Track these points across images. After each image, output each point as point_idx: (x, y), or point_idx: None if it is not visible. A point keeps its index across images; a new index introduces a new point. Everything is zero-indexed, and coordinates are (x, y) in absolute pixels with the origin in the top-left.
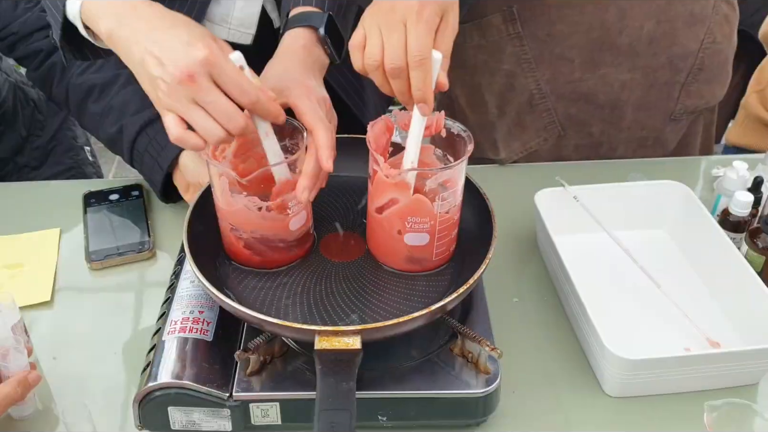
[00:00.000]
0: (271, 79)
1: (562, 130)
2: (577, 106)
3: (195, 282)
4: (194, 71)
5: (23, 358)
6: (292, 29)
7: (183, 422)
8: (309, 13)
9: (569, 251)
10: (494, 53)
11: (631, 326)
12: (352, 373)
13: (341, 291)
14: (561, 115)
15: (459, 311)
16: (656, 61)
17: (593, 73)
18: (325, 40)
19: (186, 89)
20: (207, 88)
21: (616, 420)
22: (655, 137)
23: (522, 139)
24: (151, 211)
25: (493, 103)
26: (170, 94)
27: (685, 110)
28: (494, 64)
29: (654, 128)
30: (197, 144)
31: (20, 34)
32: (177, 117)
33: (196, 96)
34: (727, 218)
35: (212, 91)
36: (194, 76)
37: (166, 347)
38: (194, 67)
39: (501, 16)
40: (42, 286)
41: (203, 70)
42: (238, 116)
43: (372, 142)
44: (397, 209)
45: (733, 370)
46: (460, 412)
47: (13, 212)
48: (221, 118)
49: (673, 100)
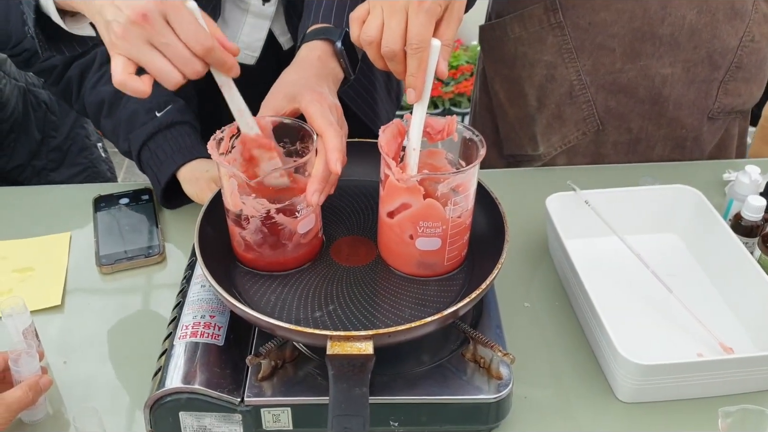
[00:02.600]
0: (285, 85)
1: (600, 124)
2: (617, 98)
3: (206, 286)
4: (148, 10)
5: (35, 363)
6: (309, 42)
7: (194, 427)
8: (327, 28)
9: (581, 256)
10: (535, 44)
11: (643, 331)
12: (364, 378)
13: (353, 296)
14: (600, 107)
15: (471, 316)
16: (696, 55)
17: (634, 63)
18: (341, 53)
19: (140, 29)
20: (161, 29)
21: (629, 426)
22: (694, 137)
23: (561, 132)
24: (161, 215)
25: (533, 96)
26: (124, 35)
27: (723, 109)
28: (535, 56)
29: (692, 127)
30: (139, 88)
31: (33, 50)
32: (125, 60)
33: (151, 37)
34: (739, 223)
35: (167, 33)
36: (147, 15)
37: (177, 352)
38: (148, 6)
39: (542, 6)
40: (52, 290)
41: (156, 9)
42: (195, 60)
43: (384, 146)
44: (408, 214)
45: (747, 376)
46: (472, 418)
47: (24, 216)
48: (177, 61)
49: (711, 97)
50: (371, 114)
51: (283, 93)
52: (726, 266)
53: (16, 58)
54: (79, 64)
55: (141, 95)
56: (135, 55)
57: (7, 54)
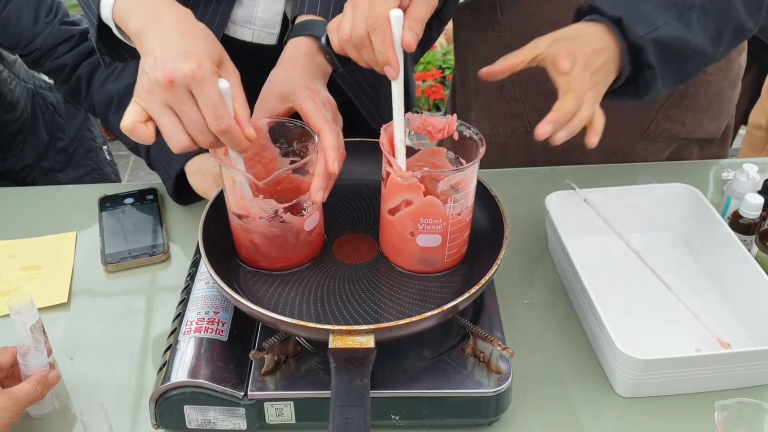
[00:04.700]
0: (276, 84)
1: (529, 125)
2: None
3: (210, 283)
4: (176, 79)
5: (43, 358)
6: (294, 37)
7: (198, 421)
8: (312, 22)
9: (580, 253)
10: (479, 33)
11: (641, 327)
12: (366, 371)
13: (354, 291)
14: (529, 109)
15: (470, 312)
16: None
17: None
18: (326, 48)
19: (163, 92)
20: (183, 98)
21: (627, 420)
22: (625, 152)
23: (492, 123)
24: (166, 215)
25: (472, 82)
26: (149, 91)
27: (662, 133)
28: (477, 44)
29: (624, 143)
30: (144, 135)
31: (43, 50)
32: (141, 110)
33: (172, 102)
34: (737, 220)
35: (188, 102)
36: (174, 84)
37: (181, 347)
38: (177, 76)
39: (487, 1)
40: (59, 288)
41: (184, 82)
42: (209, 133)
43: (385, 144)
44: (409, 211)
45: (744, 371)
46: (472, 412)
47: (31, 216)
48: (191, 129)
49: (648, 118)
50: (372, 109)
51: (275, 93)
52: (724, 263)
53: (26, 57)
54: (88, 63)
55: (146, 142)
56: (152, 111)
57: (18, 53)
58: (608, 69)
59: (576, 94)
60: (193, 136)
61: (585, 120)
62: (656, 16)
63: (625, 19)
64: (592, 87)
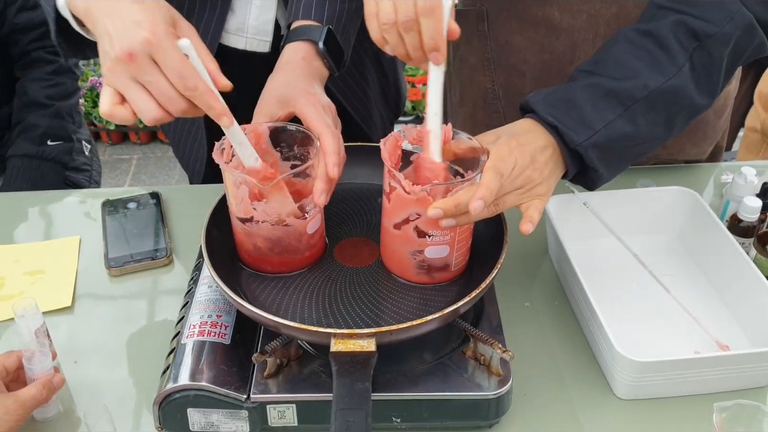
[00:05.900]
0: (275, 89)
1: None
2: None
3: (213, 286)
4: (134, 50)
5: (48, 361)
6: (291, 42)
7: (202, 423)
8: (308, 27)
9: (580, 257)
10: (465, 43)
11: (641, 330)
12: (367, 374)
13: (356, 295)
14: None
15: (471, 316)
16: None
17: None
18: (323, 53)
19: (125, 67)
20: (146, 68)
21: (626, 422)
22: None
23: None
24: (169, 219)
25: (457, 89)
26: (111, 70)
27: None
28: (464, 54)
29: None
30: (125, 117)
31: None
32: (114, 92)
33: (136, 74)
34: (735, 223)
35: (152, 71)
36: (133, 55)
37: (185, 350)
38: (134, 46)
39: (476, 12)
40: (63, 292)
41: (143, 50)
42: (179, 98)
43: (387, 159)
44: (418, 223)
45: (742, 373)
46: (473, 414)
47: (35, 221)
48: (161, 98)
49: None
50: (364, 112)
51: (275, 98)
52: (723, 266)
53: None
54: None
55: (127, 123)
56: (119, 88)
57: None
58: (555, 164)
59: (491, 189)
60: (163, 105)
61: (477, 219)
62: (595, 118)
63: (561, 128)
64: (522, 187)
